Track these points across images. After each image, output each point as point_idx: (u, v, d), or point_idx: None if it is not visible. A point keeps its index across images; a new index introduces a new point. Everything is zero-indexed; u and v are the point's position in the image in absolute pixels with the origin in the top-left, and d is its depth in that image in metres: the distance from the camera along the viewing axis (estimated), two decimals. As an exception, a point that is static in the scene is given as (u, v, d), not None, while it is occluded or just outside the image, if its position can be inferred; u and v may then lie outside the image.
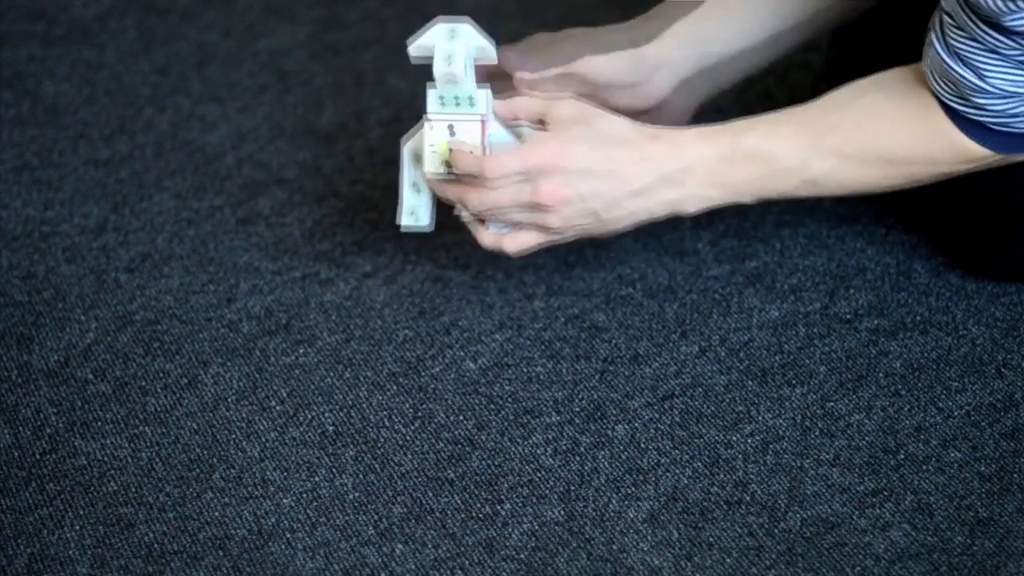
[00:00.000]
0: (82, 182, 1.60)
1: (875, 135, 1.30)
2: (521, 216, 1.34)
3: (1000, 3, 1.16)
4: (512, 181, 1.32)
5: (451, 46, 1.32)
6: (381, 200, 1.57)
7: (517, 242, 1.36)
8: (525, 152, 1.31)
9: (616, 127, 1.32)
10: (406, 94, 1.71)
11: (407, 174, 1.39)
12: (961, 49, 1.22)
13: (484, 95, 1.34)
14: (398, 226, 1.40)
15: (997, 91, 1.23)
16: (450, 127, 1.34)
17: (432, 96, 1.34)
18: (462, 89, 1.34)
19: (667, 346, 1.42)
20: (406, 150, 1.39)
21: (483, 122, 1.34)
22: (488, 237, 1.37)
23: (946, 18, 1.23)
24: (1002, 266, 1.44)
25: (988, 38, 1.20)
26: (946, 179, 1.33)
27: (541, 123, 1.35)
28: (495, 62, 1.34)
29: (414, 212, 1.40)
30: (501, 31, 1.46)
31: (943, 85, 1.26)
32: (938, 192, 1.38)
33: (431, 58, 1.34)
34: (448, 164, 1.34)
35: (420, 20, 1.82)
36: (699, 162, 1.31)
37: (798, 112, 1.33)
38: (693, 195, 1.33)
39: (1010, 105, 1.24)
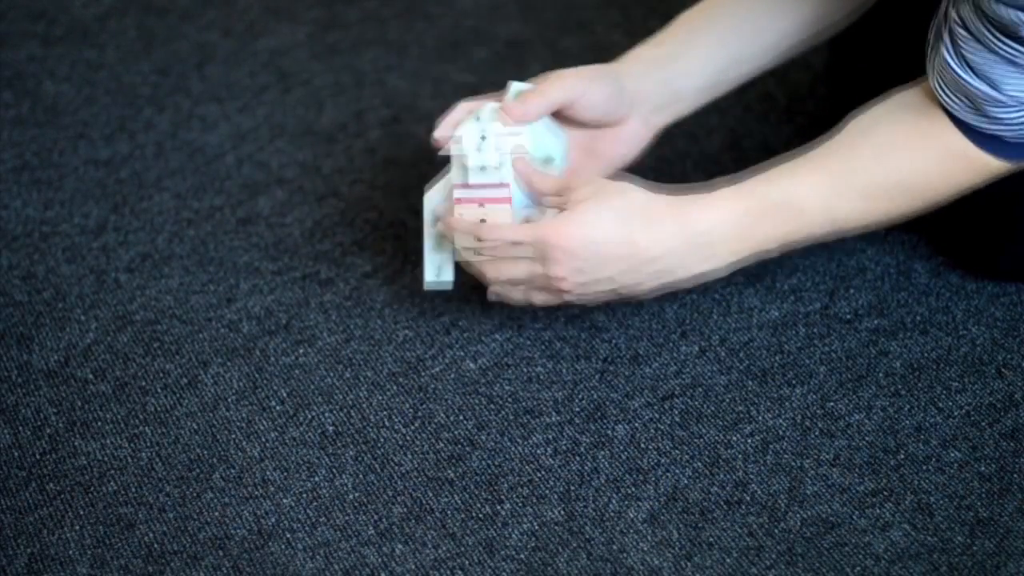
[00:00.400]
0: (82, 182, 1.60)
1: (896, 169, 1.28)
2: (539, 292, 1.33)
3: (1020, 15, 1.15)
4: (521, 255, 1.31)
5: (484, 150, 1.32)
6: (381, 200, 1.57)
7: (543, 299, 1.35)
8: (526, 227, 1.30)
9: (638, 202, 1.30)
10: (406, 94, 1.71)
11: (429, 229, 1.38)
12: (975, 61, 1.21)
13: (507, 160, 1.33)
14: (426, 289, 1.39)
15: (1015, 101, 1.22)
16: (480, 205, 1.34)
17: (456, 163, 1.34)
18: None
19: (667, 346, 1.42)
20: (427, 204, 1.38)
21: (509, 194, 1.33)
22: (517, 293, 1.36)
23: (958, 30, 1.21)
24: (1002, 266, 1.44)
25: (1005, 49, 1.19)
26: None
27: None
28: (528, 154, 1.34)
29: (439, 269, 1.38)
30: (501, 31, 1.46)
31: (956, 99, 1.25)
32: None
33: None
34: (479, 239, 1.33)
35: (420, 20, 1.82)
36: (729, 232, 1.30)
37: (816, 156, 1.31)
38: (723, 262, 1.31)
39: None
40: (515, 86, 1.38)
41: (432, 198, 1.38)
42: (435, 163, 1.61)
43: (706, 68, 1.41)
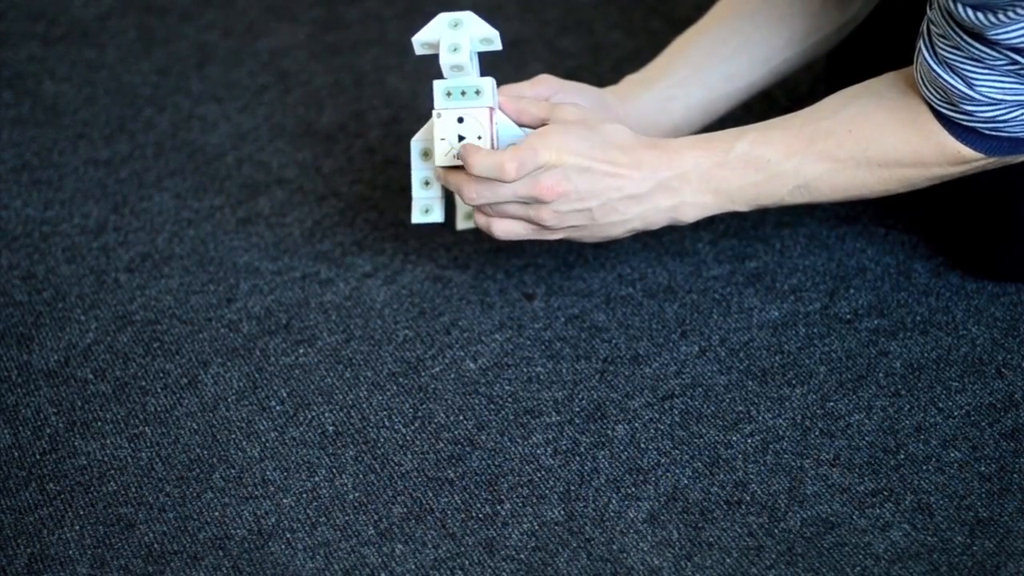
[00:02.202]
0: (82, 182, 1.60)
1: (867, 139, 1.30)
2: (517, 210, 1.34)
3: (982, 17, 1.16)
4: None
5: (456, 36, 1.32)
6: (381, 200, 1.57)
7: (505, 228, 1.35)
8: (536, 146, 1.31)
9: (616, 133, 1.32)
10: (406, 94, 1.71)
11: (417, 171, 1.40)
12: (949, 58, 1.22)
13: (489, 86, 1.34)
14: (414, 224, 1.40)
15: (985, 99, 1.23)
16: (459, 118, 1.34)
17: (439, 90, 1.34)
18: (468, 81, 1.34)
19: (667, 346, 1.42)
20: (414, 146, 1.40)
21: (491, 111, 1.34)
22: (480, 217, 1.36)
23: (933, 28, 1.23)
24: (1001, 266, 1.44)
25: (973, 49, 1.20)
26: (943, 182, 1.33)
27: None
28: (499, 49, 1.34)
29: (428, 209, 1.40)
30: (501, 31, 1.46)
31: (933, 92, 1.26)
32: (937, 192, 1.39)
33: (436, 51, 1.34)
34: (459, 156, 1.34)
35: (420, 20, 1.82)
36: (693, 168, 1.32)
37: (790, 118, 1.33)
38: (688, 202, 1.33)
39: (999, 112, 1.24)
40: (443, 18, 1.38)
41: (418, 140, 1.39)
42: (435, 163, 1.61)
43: (693, 85, 1.42)
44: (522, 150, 1.30)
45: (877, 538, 1.25)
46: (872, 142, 1.30)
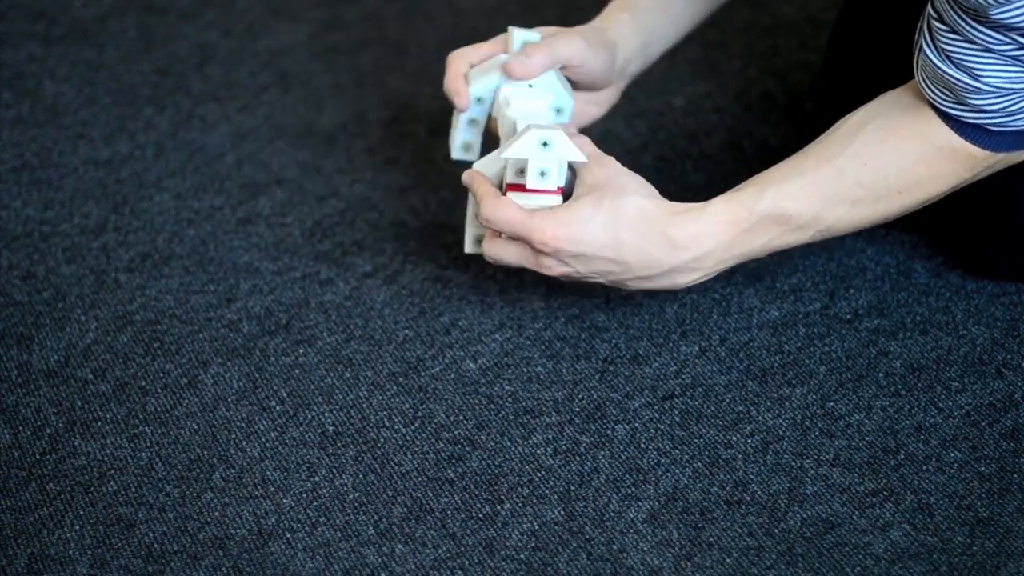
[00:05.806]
0: (82, 182, 1.60)
1: (884, 168, 1.29)
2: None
3: None
4: (513, 240, 1.33)
5: (545, 159, 1.30)
6: (381, 200, 1.57)
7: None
8: (525, 220, 1.30)
9: (630, 209, 1.30)
10: (406, 94, 1.71)
11: (473, 208, 1.38)
12: (952, 52, 1.22)
13: (558, 167, 1.32)
14: (467, 253, 1.41)
15: (993, 89, 1.23)
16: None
17: (511, 169, 1.32)
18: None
19: (667, 346, 1.42)
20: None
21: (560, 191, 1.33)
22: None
23: (935, 23, 1.23)
24: (1002, 266, 1.44)
25: (979, 35, 1.20)
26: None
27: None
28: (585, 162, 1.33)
29: (479, 239, 1.39)
30: (501, 31, 1.46)
31: (938, 91, 1.26)
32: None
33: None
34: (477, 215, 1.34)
35: (420, 20, 1.82)
36: (715, 247, 1.31)
37: (802, 160, 1.31)
38: (711, 271, 1.33)
39: (1008, 102, 1.24)
40: (517, 34, 1.38)
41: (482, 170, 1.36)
42: (435, 163, 1.61)
43: (672, 37, 1.46)
44: (511, 209, 1.30)
45: (877, 538, 1.25)
46: (889, 169, 1.29)
